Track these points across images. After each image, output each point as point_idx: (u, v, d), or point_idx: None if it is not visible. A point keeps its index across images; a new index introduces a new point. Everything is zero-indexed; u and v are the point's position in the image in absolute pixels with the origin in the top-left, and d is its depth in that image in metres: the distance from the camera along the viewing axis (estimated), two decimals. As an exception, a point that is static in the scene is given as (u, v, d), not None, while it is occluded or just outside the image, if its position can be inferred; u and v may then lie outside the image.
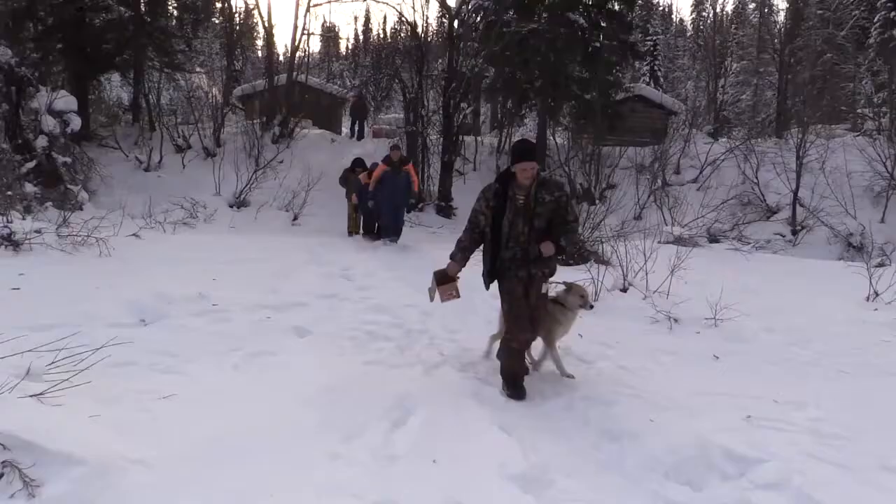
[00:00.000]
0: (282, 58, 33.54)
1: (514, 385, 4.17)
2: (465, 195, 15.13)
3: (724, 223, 13.05)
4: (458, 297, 4.39)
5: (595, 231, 8.94)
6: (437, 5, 21.62)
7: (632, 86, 22.56)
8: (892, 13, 23.82)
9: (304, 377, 4.21)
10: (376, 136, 22.07)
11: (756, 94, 32.02)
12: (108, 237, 7.17)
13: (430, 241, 11.86)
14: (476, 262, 4.32)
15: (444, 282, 4.32)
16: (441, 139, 16.89)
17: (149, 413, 3.37)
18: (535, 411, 3.96)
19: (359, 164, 11.55)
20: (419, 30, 18.19)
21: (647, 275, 6.97)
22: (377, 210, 10.12)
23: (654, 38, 34.50)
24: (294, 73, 20.21)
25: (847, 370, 4.84)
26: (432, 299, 4.44)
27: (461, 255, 4.26)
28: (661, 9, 50.65)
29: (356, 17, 61.37)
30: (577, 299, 4.45)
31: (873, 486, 3.00)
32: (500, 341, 4.43)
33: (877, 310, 6.66)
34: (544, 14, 16.72)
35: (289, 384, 4.05)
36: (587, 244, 8.60)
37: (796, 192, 15.26)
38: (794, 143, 15.96)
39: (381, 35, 50.77)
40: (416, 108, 16.91)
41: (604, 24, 17.23)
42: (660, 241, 9.58)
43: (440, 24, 22.83)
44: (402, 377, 4.40)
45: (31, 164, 11.00)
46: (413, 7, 26.95)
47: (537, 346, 4.58)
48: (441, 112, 16.83)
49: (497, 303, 4.35)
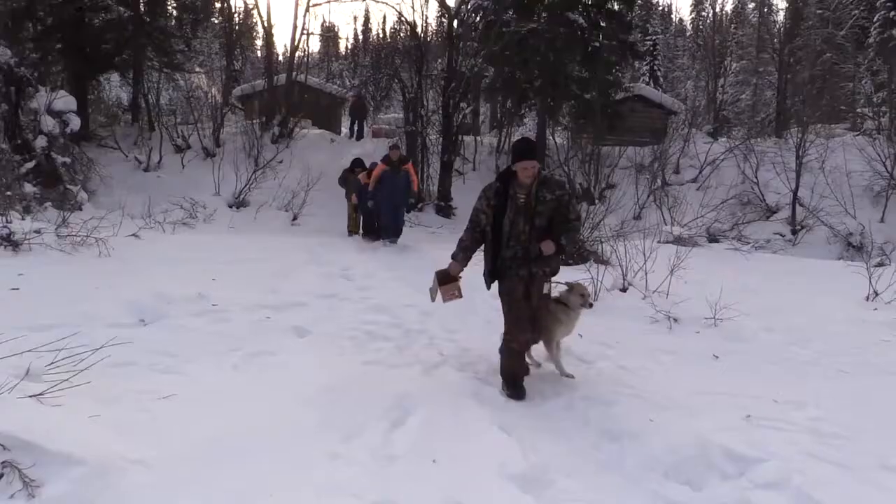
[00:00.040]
0: (281, 58, 33.58)
1: (514, 385, 4.17)
2: (465, 195, 15.14)
3: (724, 223, 13.07)
4: (461, 297, 4.35)
5: (594, 231, 8.94)
6: (437, 5, 21.66)
7: (631, 85, 22.55)
8: (892, 13, 23.83)
9: (304, 377, 4.21)
10: (376, 136, 22.04)
11: (755, 94, 32.02)
12: (108, 237, 7.17)
13: (429, 241, 11.85)
14: (476, 261, 4.31)
15: (446, 282, 4.28)
16: (440, 139, 16.87)
17: (148, 413, 3.37)
18: (535, 411, 3.96)
19: (358, 164, 11.54)
20: (418, 29, 18.21)
21: (646, 274, 6.97)
22: (377, 210, 10.12)
23: (654, 37, 34.49)
24: (293, 73, 20.20)
25: (846, 369, 4.84)
26: (434, 299, 4.40)
27: (463, 255, 4.23)
28: (660, 8, 50.72)
29: (355, 17, 61.71)
30: (578, 298, 4.43)
31: (873, 486, 3.00)
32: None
33: (876, 309, 6.67)
34: (544, 14, 16.71)
35: (288, 384, 4.05)
36: (587, 244, 8.60)
37: (796, 192, 15.26)
38: (794, 143, 15.96)
39: (381, 35, 50.77)
40: (415, 108, 16.90)
41: (603, 24, 17.22)
42: (659, 241, 9.58)
43: (439, 24, 22.85)
44: (402, 377, 4.40)
45: (30, 165, 10.98)
46: (412, 7, 26.88)
47: (539, 346, 4.56)
48: (440, 112, 16.82)
49: (498, 303, 4.32)
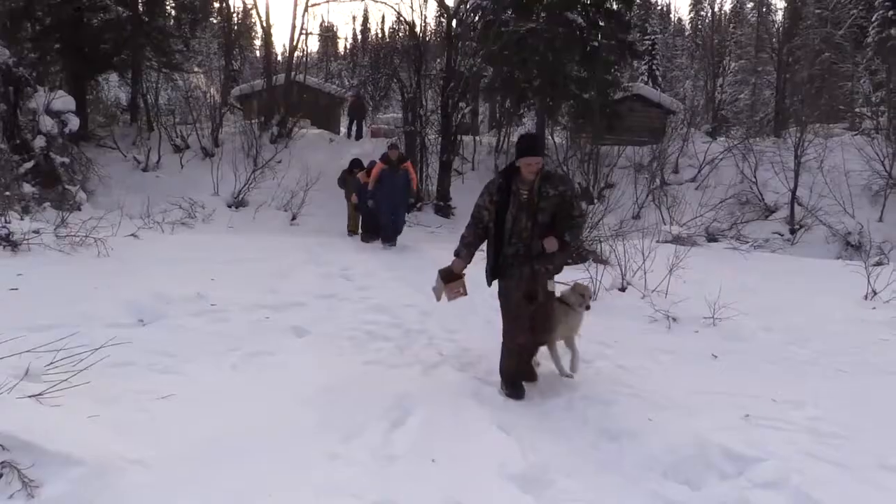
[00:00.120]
0: (280, 57, 33.62)
1: (513, 384, 4.17)
2: (464, 195, 15.13)
3: (723, 222, 13.05)
4: (466, 294, 4.29)
5: (593, 230, 8.94)
6: (436, 5, 21.67)
7: (630, 85, 22.51)
8: (890, 12, 23.83)
9: (303, 377, 4.21)
10: (374, 136, 22.01)
11: (754, 94, 32.04)
12: (107, 237, 7.15)
13: (428, 241, 11.85)
14: (477, 259, 4.28)
15: (451, 279, 4.22)
16: (439, 139, 16.85)
17: (147, 413, 3.37)
18: (534, 411, 3.97)
19: (356, 164, 11.53)
20: (417, 29, 18.18)
21: (645, 274, 6.97)
22: (377, 209, 10.10)
23: (653, 37, 34.47)
24: (292, 73, 20.17)
25: (845, 369, 4.84)
26: (439, 298, 4.33)
27: (466, 252, 4.18)
28: (659, 8, 50.69)
29: (354, 17, 61.69)
30: (578, 298, 4.38)
31: (871, 485, 3.00)
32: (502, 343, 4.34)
33: (875, 308, 6.66)
34: (542, 13, 16.69)
35: (287, 384, 4.05)
36: (585, 243, 8.60)
37: (794, 191, 15.25)
38: (793, 143, 15.94)
39: (380, 35, 50.60)
40: (414, 108, 16.88)
41: (602, 24, 17.20)
42: (658, 241, 9.57)
43: (438, 24, 22.83)
44: (401, 377, 4.40)
45: (29, 165, 10.96)
46: (411, 7, 26.78)
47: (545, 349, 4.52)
48: (439, 112, 16.80)
49: (498, 302, 4.28)
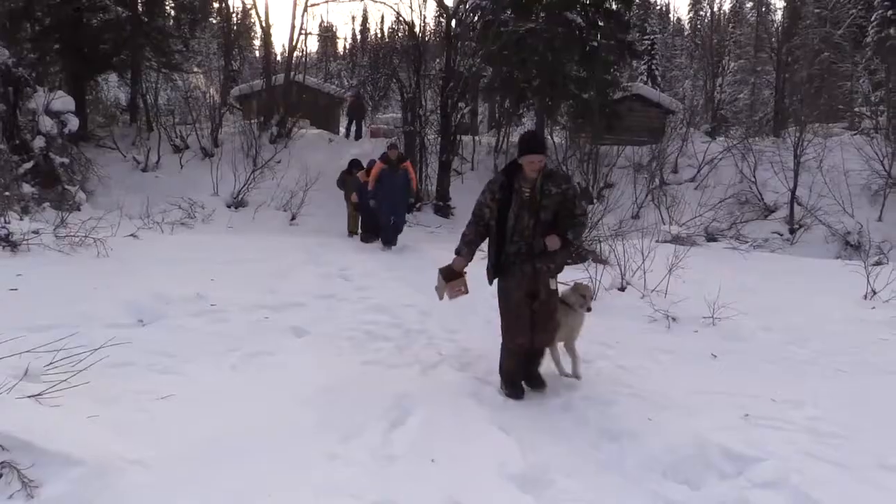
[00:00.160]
0: (279, 58, 33.58)
1: (513, 384, 4.17)
2: (463, 195, 15.14)
3: (722, 222, 13.07)
4: (467, 292, 4.26)
5: (593, 230, 8.94)
6: (435, 5, 21.63)
7: (629, 85, 22.51)
8: (889, 12, 23.86)
9: (302, 377, 4.21)
10: (374, 136, 22.02)
11: (753, 93, 32.03)
12: (106, 238, 7.15)
13: (428, 241, 11.85)
14: (477, 258, 4.26)
15: (452, 278, 4.19)
16: (439, 139, 16.86)
17: (147, 413, 3.37)
18: (534, 411, 3.97)
19: (355, 165, 11.53)
20: (417, 29, 18.14)
21: (645, 274, 6.97)
22: (377, 209, 10.08)
23: (652, 37, 34.48)
24: (292, 73, 20.15)
25: (844, 369, 4.84)
26: (441, 297, 4.31)
27: (467, 250, 4.15)
28: (658, 8, 50.71)
29: (354, 17, 61.50)
30: (578, 298, 4.34)
31: (871, 485, 3.00)
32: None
33: (874, 308, 6.67)
34: (542, 13, 16.69)
35: (287, 384, 4.05)
36: (585, 243, 8.60)
37: (794, 191, 15.26)
38: (792, 142, 15.94)
39: (379, 35, 50.54)
40: (413, 108, 16.89)
41: (601, 24, 17.19)
42: (658, 240, 9.59)
43: (438, 24, 22.74)
44: (401, 377, 4.40)
45: (28, 165, 10.95)
46: (410, 7, 26.79)
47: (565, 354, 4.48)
48: (439, 112, 16.80)
49: (497, 302, 4.26)
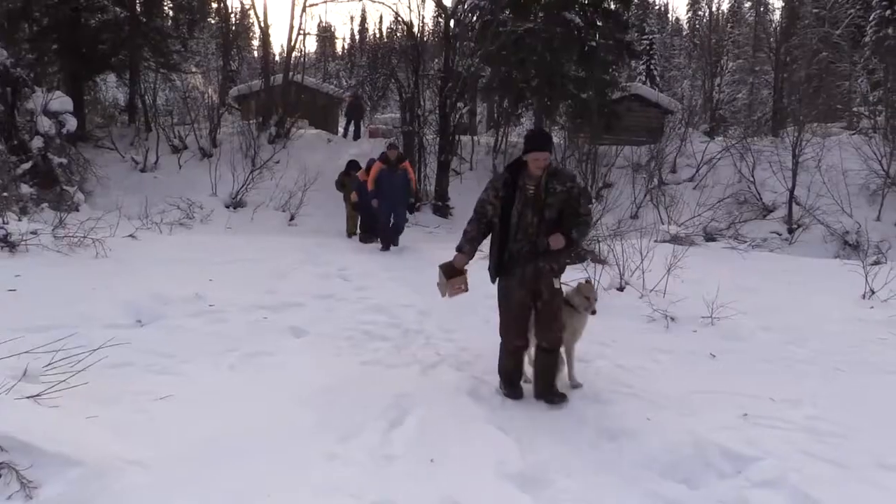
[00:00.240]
0: (278, 58, 33.46)
1: (511, 384, 4.17)
2: (462, 195, 15.14)
3: (721, 222, 13.06)
4: (467, 290, 4.22)
5: (591, 230, 8.94)
6: (433, 5, 21.60)
7: (628, 85, 22.51)
8: (888, 12, 23.89)
9: (301, 377, 4.21)
10: (372, 136, 22.01)
11: (752, 93, 32.09)
12: (105, 238, 7.14)
13: (427, 241, 11.85)
14: (476, 257, 4.22)
15: (453, 275, 4.15)
16: (437, 139, 16.85)
17: (146, 414, 3.37)
18: (533, 410, 3.97)
19: (353, 166, 11.52)
20: (415, 29, 18.12)
21: (643, 273, 6.97)
22: (377, 209, 10.05)
23: (651, 37, 34.52)
24: (290, 74, 20.10)
25: (843, 368, 4.84)
26: (444, 295, 4.26)
27: (469, 247, 4.09)
28: (656, 8, 50.81)
29: (352, 17, 61.57)
30: (582, 300, 4.23)
31: (869, 484, 3.01)
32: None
33: (873, 308, 6.67)
34: (540, 13, 16.71)
35: (285, 384, 4.05)
36: (584, 243, 8.61)
37: (792, 191, 15.27)
38: (791, 142, 15.96)
39: (378, 35, 50.61)
40: (412, 108, 16.87)
41: (600, 24, 17.21)
42: (656, 240, 9.59)
43: (436, 24, 22.71)
44: (400, 377, 4.40)
45: (26, 166, 10.93)
46: (409, 7, 26.93)
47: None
48: (437, 112, 16.78)
49: (495, 301, 4.23)
